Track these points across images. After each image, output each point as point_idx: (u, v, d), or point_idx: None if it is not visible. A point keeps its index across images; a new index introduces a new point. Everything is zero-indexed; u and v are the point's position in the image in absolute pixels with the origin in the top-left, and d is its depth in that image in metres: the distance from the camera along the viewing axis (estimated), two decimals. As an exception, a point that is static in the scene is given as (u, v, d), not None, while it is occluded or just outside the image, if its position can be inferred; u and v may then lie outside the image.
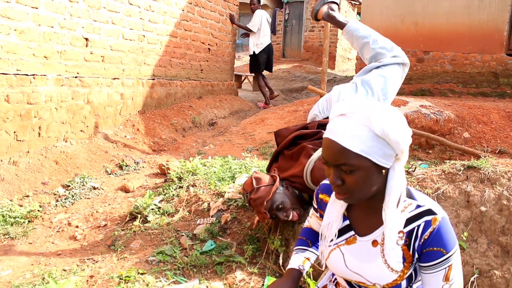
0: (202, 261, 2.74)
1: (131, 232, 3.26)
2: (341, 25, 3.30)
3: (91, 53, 5.04)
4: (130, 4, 5.59)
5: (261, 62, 8.45)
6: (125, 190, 4.15)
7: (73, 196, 4.03)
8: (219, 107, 7.29)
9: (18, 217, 3.55)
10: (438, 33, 8.28)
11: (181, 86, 6.81)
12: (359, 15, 15.52)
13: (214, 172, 3.92)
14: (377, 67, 3.08)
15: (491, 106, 5.35)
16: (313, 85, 11.80)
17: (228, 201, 3.36)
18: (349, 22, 3.26)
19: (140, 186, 4.20)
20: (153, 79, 6.16)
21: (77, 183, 4.25)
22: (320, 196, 1.59)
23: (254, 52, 8.41)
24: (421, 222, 1.34)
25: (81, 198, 4.02)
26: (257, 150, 5.03)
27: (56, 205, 3.91)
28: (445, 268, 1.33)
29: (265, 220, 2.78)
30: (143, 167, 4.82)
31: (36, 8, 4.30)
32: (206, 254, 2.84)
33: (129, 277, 2.54)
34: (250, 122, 6.27)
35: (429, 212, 1.35)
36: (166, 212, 3.49)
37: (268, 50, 8.46)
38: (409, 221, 1.36)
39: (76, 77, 4.84)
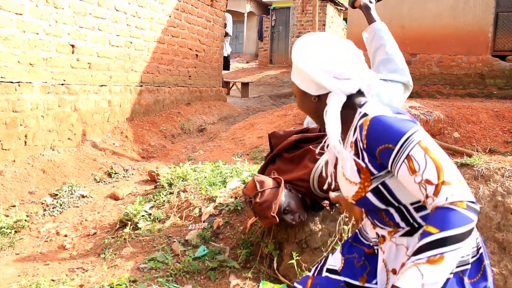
0: (195, 267, 2.68)
1: (122, 240, 3.20)
2: (371, 20, 3.27)
3: (78, 60, 4.98)
4: (117, 10, 5.54)
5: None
6: (115, 197, 4.08)
7: (61, 205, 3.95)
8: (208, 113, 7.25)
9: (4, 227, 3.47)
10: (425, 36, 8.33)
11: (169, 93, 6.76)
12: (345, 21, 15.61)
13: (205, 177, 3.87)
14: (385, 80, 3.02)
15: (479, 106, 5.38)
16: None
17: (220, 206, 3.32)
18: (378, 21, 3.24)
19: (130, 193, 4.13)
20: (141, 86, 6.11)
21: (65, 191, 4.17)
22: None
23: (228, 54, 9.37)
24: (357, 128, 1.39)
25: (69, 207, 3.94)
26: (248, 154, 4.99)
27: (44, 214, 3.83)
28: (403, 161, 1.28)
29: (270, 224, 2.68)
30: (132, 174, 4.76)
31: (21, 14, 4.23)
32: (199, 260, 2.78)
33: (120, 285, 2.48)
34: (239, 127, 6.23)
35: (363, 116, 1.38)
36: (157, 218, 3.43)
37: None
38: (353, 131, 1.41)
39: (62, 84, 4.77)
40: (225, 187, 3.59)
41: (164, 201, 3.66)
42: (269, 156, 2.84)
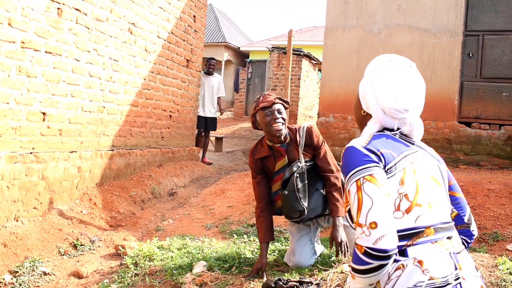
0: None
1: (81, 330, 3.10)
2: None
3: (48, 127, 4.95)
4: (91, 76, 5.57)
5: None
6: (78, 275, 3.98)
7: (20, 285, 3.81)
8: (179, 175, 7.23)
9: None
10: (394, 101, 8.58)
11: (141, 155, 6.75)
12: (320, 72, 15.99)
13: (171, 258, 3.82)
14: None
15: (445, 180, 5.50)
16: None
17: (185, 294, 3.27)
18: None
19: (95, 271, 4.04)
20: (112, 150, 6.08)
21: (26, 268, 4.04)
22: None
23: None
24: None
25: (29, 287, 3.82)
26: (217, 227, 4.97)
27: (2, 295, 3.71)
28: (347, 193, 1.53)
29: None
30: (99, 246, 4.66)
31: (-9, 86, 4.23)
32: None
33: None
34: (210, 193, 6.22)
35: None
36: (120, 305, 3.35)
37: None
38: None
39: (31, 153, 4.72)
40: (191, 271, 3.55)
41: (129, 284, 3.59)
42: None
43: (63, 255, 4.44)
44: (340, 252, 3.17)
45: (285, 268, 3.52)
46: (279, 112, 3.23)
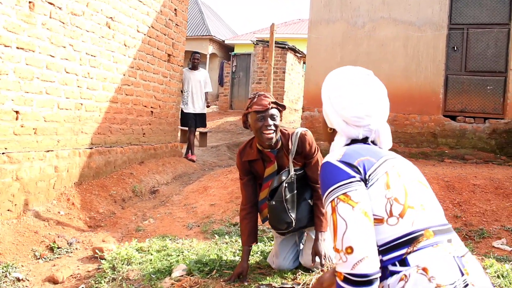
0: None
1: None
2: None
3: (22, 126, 4.77)
4: (67, 72, 5.39)
5: None
6: (54, 281, 3.83)
7: (-8, 292, 3.67)
8: (161, 172, 7.08)
9: None
10: (379, 95, 8.51)
11: (122, 153, 6.58)
12: (305, 65, 15.91)
13: (150, 261, 3.69)
14: None
15: (431, 175, 5.44)
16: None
17: (163, 300, 3.14)
18: None
19: (71, 276, 3.89)
20: (91, 148, 5.91)
21: (-1, 274, 3.89)
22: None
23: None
24: None
25: (2, 294, 3.67)
26: (198, 226, 4.84)
27: (-27, 303, 3.55)
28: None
29: None
30: (76, 248, 4.51)
31: (-41, 85, 4.04)
32: None
33: None
34: (192, 191, 6.09)
35: None
36: (96, 312, 3.22)
37: None
38: None
39: (3, 153, 4.54)
40: (170, 275, 3.42)
41: (105, 289, 3.45)
42: None
43: (39, 258, 4.28)
44: (322, 265, 3.07)
45: (267, 271, 3.41)
46: (273, 118, 3.03)
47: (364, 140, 1.61)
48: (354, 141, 1.59)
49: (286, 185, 3.08)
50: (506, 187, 5.20)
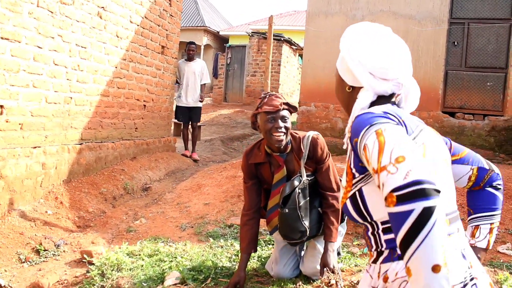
0: None
1: None
2: None
3: (7, 121, 4.53)
4: (56, 64, 5.14)
5: None
6: None
7: (-27, 300, 3.46)
8: (154, 168, 6.87)
9: None
10: (378, 91, 8.34)
11: (113, 148, 6.36)
12: (301, 57, 15.68)
13: (142, 267, 3.50)
14: None
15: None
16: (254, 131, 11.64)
17: (155, 311, 2.96)
18: None
19: (58, 282, 3.68)
20: (81, 144, 5.68)
21: (-19, 279, 3.68)
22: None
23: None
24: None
25: (-17, 302, 3.46)
26: (192, 227, 4.65)
27: (-47, 311, 3.34)
28: (362, 153, 1.25)
29: None
30: (64, 251, 4.30)
31: None
32: None
33: None
34: (186, 188, 5.89)
35: None
36: (83, 324, 3.03)
37: None
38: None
39: (-13, 150, 4.32)
40: (162, 283, 3.24)
41: (93, 297, 3.26)
42: None
43: (24, 262, 4.07)
44: (330, 279, 2.89)
45: (265, 279, 3.24)
46: (283, 120, 2.87)
47: (389, 98, 1.44)
48: (379, 101, 1.41)
49: (299, 191, 2.90)
50: (509, 187, 5.05)
